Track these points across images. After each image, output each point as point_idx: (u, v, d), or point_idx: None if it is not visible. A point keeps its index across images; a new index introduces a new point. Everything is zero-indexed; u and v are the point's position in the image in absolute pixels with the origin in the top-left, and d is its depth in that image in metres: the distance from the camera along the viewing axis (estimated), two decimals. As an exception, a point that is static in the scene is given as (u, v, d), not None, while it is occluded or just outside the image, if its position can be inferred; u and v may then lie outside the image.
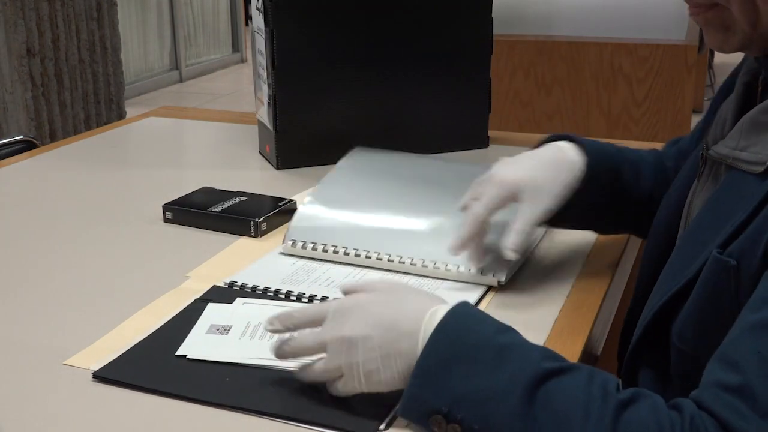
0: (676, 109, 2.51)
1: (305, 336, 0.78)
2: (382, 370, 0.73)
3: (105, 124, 3.83)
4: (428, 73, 1.55)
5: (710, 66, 5.46)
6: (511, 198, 0.98)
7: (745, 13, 0.78)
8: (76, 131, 3.78)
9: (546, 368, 0.68)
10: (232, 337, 0.90)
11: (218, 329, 0.91)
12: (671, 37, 2.65)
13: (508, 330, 0.74)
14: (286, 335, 0.80)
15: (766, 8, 0.77)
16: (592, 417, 0.65)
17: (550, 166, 1.00)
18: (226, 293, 1.00)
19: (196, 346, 0.88)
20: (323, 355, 0.76)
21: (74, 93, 3.79)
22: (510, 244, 0.95)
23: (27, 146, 1.77)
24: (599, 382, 0.68)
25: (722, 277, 0.75)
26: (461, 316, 0.73)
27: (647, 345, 0.86)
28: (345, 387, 0.75)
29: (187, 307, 0.97)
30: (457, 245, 0.99)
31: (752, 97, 0.86)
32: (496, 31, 1.58)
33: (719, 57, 6.12)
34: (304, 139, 1.52)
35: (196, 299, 0.98)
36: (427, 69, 1.55)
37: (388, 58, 1.53)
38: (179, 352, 0.86)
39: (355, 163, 1.26)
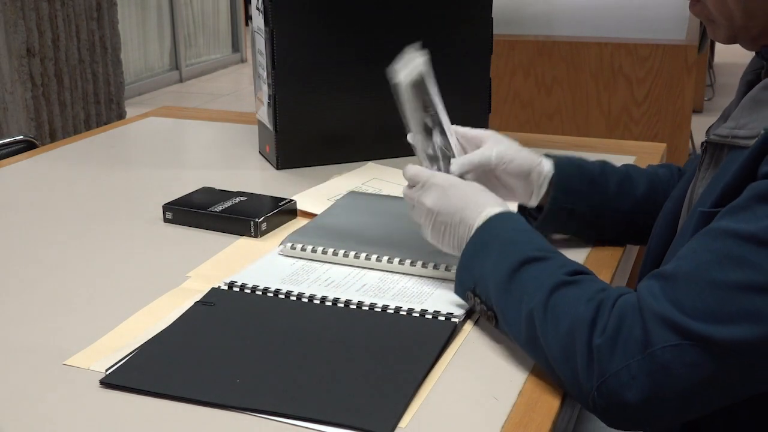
0: (676, 109, 2.51)
1: (404, 189, 1.04)
2: (443, 241, 0.98)
3: (105, 124, 3.83)
4: (428, 73, 1.55)
5: (710, 66, 5.45)
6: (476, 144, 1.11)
7: (718, 8, 0.85)
8: (76, 131, 3.78)
9: (529, 255, 0.85)
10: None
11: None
12: (671, 37, 2.65)
13: (523, 230, 0.91)
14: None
15: (734, 3, 0.83)
16: (538, 291, 0.81)
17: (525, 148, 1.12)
18: (226, 295, 1.01)
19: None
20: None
21: (74, 93, 3.79)
22: (457, 160, 1.08)
23: (27, 146, 1.77)
24: (558, 266, 0.84)
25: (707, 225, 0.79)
26: (497, 218, 0.92)
27: None
28: (425, 235, 1.00)
29: (188, 310, 0.97)
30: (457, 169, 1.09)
31: None
32: (496, 31, 1.58)
33: (719, 57, 6.11)
34: (304, 139, 1.52)
35: (197, 302, 0.98)
36: (427, 69, 1.55)
37: (388, 58, 1.52)
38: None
39: (350, 201, 1.27)
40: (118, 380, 0.82)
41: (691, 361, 0.72)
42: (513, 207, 1.06)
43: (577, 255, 1.12)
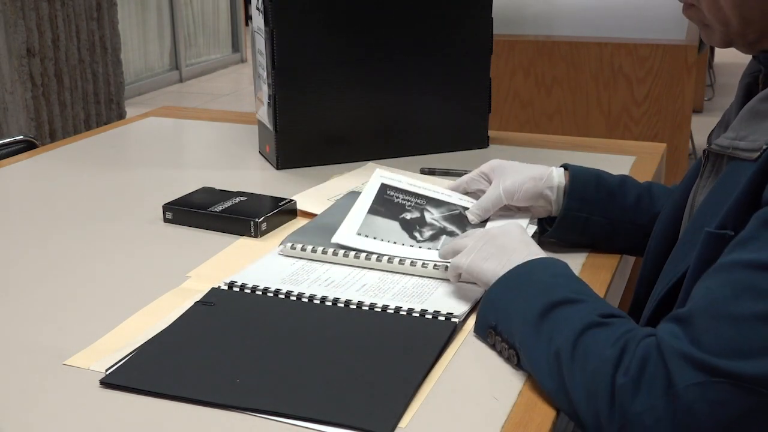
0: (676, 109, 2.51)
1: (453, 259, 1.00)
2: (483, 259, 0.95)
3: (105, 124, 3.83)
4: (428, 72, 1.56)
5: (710, 66, 5.45)
6: (488, 179, 1.17)
7: (713, 13, 0.84)
8: (76, 131, 3.78)
9: (563, 297, 0.83)
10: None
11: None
12: (671, 37, 2.65)
13: (564, 275, 0.88)
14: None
15: (729, 7, 0.82)
16: (571, 330, 0.78)
17: (529, 167, 1.15)
18: (226, 295, 1.00)
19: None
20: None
21: (74, 93, 3.79)
22: (471, 210, 1.15)
23: (27, 146, 1.77)
24: (597, 310, 0.80)
25: (714, 249, 0.78)
26: (539, 262, 0.91)
27: None
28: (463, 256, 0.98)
29: (188, 310, 0.97)
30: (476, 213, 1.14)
31: (753, 96, 0.86)
32: (496, 31, 1.58)
33: (719, 57, 6.11)
34: (304, 139, 1.52)
35: (197, 302, 0.98)
36: (427, 69, 1.55)
37: (388, 58, 1.53)
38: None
39: (350, 201, 1.27)
40: (118, 380, 0.82)
41: (715, 398, 0.68)
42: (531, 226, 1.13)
43: (575, 259, 1.12)
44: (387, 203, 1.15)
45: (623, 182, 1.13)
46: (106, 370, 0.84)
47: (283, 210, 1.24)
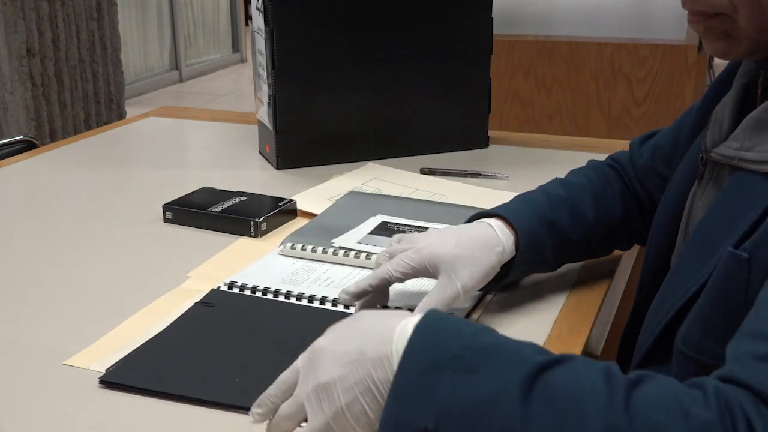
0: (676, 109, 2.51)
1: (282, 408, 0.69)
2: (368, 408, 0.64)
3: (105, 124, 3.83)
4: (428, 72, 1.55)
5: (710, 66, 5.45)
6: (426, 271, 0.90)
7: (752, 20, 0.76)
8: (76, 131, 3.78)
9: (540, 361, 0.61)
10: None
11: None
12: (671, 37, 2.65)
13: (490, 330, 0.66)
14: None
15: None
16: (601, 399, 0.58)
17: (476, 245, 0.92)
18: (226, 295, 1.00)
19: None
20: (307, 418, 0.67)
21: (74, 93, 3.79)
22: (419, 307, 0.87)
23: (27, 146, 1.77)
24: (600, 367, 0.61)
25: (735, 272, 0.72)
26: (434, 322, 0.65)
27: (655, 357, 0.85)
28: None
29: (188, 310, 0.97)
30: (351, 292, 0.90)
31: (751, 98, 0.84)
32: (496, 31, 1.58)
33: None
34: (304, 139, 1.52)
35: (197, 303, 0.98)
36: (427, 69, 1.55)
37: (388, 58, 1.53)
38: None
39: (350, 201, 1.28)
40: (117, 378, 0.82)
41: None
42: None
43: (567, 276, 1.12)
44: (386, 230, 1.15)
45: (551, 204, 1.01)
46: (106, 370, 0.84)
47: (283, 210, 1.24)
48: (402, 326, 0.65)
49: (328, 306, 0.97)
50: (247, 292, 1.01)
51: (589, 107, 2.66)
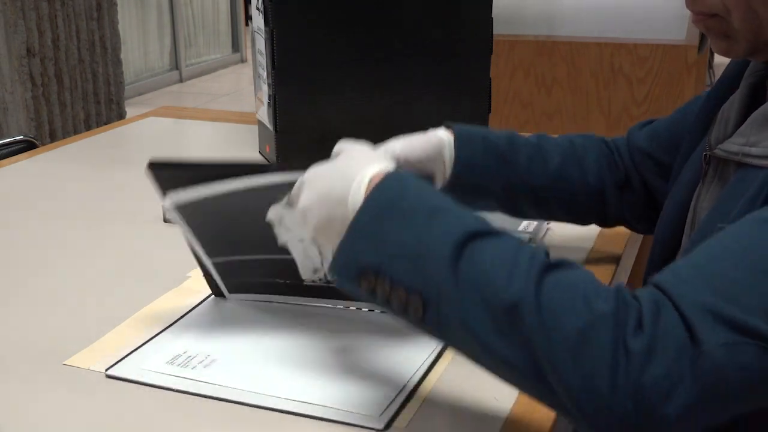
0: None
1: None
2: (329, 239, 0.74)
3: (105, 124, 3.83)
4: (428, 72, 1.55)
5: (710, 66, 5.45)
6: None
7: (746, 23, 0.77)
8: (76, 131, 3.78)
9: (476, 228, 0.68)
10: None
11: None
12: (671, 37, 2.65)
13: (445, 197, 0.72)
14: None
15: (767, 15, 0.76)
16: (518, 272, 0.64)
17: (416, 139, 1.03)
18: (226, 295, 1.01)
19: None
20: None
21: (74, 93, 3.79)
22: None
23: (27, 146, 1.77)
24: (529, 248, 0.67)
25: None
26: (398, 179, 0.73)
27: None
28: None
29: (197, 305, 0.97)
30: None
31: (758, 97, 0.84)
32: (496, 31, 1.58)
33: (719, 57, 6.10)
34: (304, 139, 1.52)
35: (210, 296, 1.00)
36: (427, 69, 1.55)
37: (388, 58, 1.53)
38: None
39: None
40: (123, 373, 0.83)
41: (747, 363, 0.60)
42: None
43: (579, 253, 1.12)
44: None
45: (511, 141, 1.05)
46: (106, 370, 0.84)
47: (283, 210, 1.24)
48: (368, 175, 0.74)
49: (328, 305, 0.97)
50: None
51: (589, 107, 2.66)
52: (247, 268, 0.95)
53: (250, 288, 0.98)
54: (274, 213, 0.85)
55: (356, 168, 0.76)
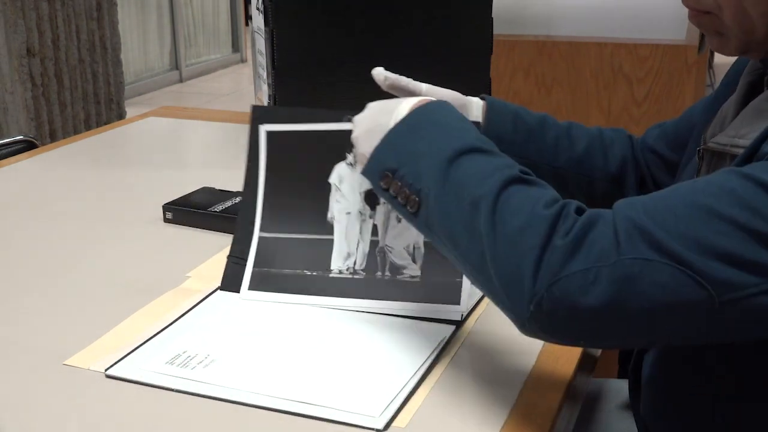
0: (676, 109, 2.51)
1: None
2: (369, 145, 0.85)
3: (105, 124, 3.83)
4: (428, 73, 1.55)
5: (710, 66, 5.45)
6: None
7: (737, 21, 0.79)
8: (76, 131, 3.78)
9: (476, 145, 0.78)
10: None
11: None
12: (671, 37, 2.65)
13: (465, 120, 0.84)
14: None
15: (758, 14, 0.78)
16: (491, 178, 0.74)
17: (445, 90, 1.10)
18: (226, 294, 1.01)
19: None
20: None
21: (74, 93, 3.79)
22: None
23: (27, 146, 1.77)
24: (507, 165, 0.76)
25: None
26: (435, 104, 0.85)
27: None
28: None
29: (196, 304, 0.97)
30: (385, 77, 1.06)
31: (755, 95, 0.85)
32: (496, 31, 1.58)
33: (719, 57, 6.11)
34: (304, 139, 1.52)
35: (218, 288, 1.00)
36: (427, 69, 1.54)
37: (388, 58, 1.52)
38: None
39: None
40: (123, 373, 0.83)
41: (660, 280, 0.66)
42: None
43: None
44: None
45: (543, 121, 1.08)
46: (106, 370, 0.84)
47: (283, 210, 1.24)
48: (411, 100, 0.88)
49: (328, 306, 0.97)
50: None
51: (589, 107, 2.66)
52: (285, 251, 0.99)
53: (272, 283, 0.99)
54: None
55: (402, 103, 0.88)
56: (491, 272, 0.71)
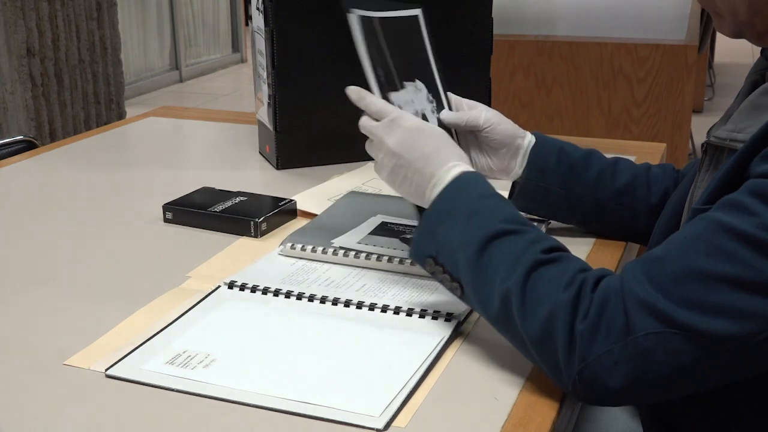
0: (676, 109, 2.51)
1: (363, 120, 1.01)
2: (399, 185, 0.95)
3: (105, 124, 3.83)
4: (428, 73, 1.55)
5: (710, 66, 5.45)
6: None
7: (724, 3, 0.85)
8: (76, 131, 3.77)
9: (496, 230, 0.84)
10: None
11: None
12: (671, 37, 2.65)
13: (491, 196, 0.88)
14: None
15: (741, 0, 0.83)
16: (516, 268, 0.80)
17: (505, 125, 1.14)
18: (226, 294, 1.01)
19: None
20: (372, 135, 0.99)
21: (74, 93, 3.79)
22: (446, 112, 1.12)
23: (27, 146, 1.77)
24: (534, 245, 0.82)
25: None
26: (463, 182, 0.90)
27: None
28: (379, 172, 0.98)
29: (195, 304, 0.97)
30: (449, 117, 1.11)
31: None
32: (496, 31, 1.58)
33: (719, 57, 6.11)
34: (304, 139, 1.52)
35: (223, 284, 1.00)
36: (427, 69, 1.55)
37: (388, 58, 1.53)
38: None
39: (350, 201, 1.28)
40: (123, 373, 0.83)
41: (672, 348, 0.72)
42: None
43: (581, 245, 1.12)
44: (386, 231, 1.15)
45: (588, 156, 1.13)
46: (106, 370, 0.84)
47: (283, 210, 1.24)
48: (451, 166, 0.92)
49: (328, 305, 0.97)
50: (247, 292, 1.01)
51: (589, 107, 2.66)
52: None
53: None
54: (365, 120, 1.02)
55: (448, 155, 0.93)
56: (536, 356, 0.79)
